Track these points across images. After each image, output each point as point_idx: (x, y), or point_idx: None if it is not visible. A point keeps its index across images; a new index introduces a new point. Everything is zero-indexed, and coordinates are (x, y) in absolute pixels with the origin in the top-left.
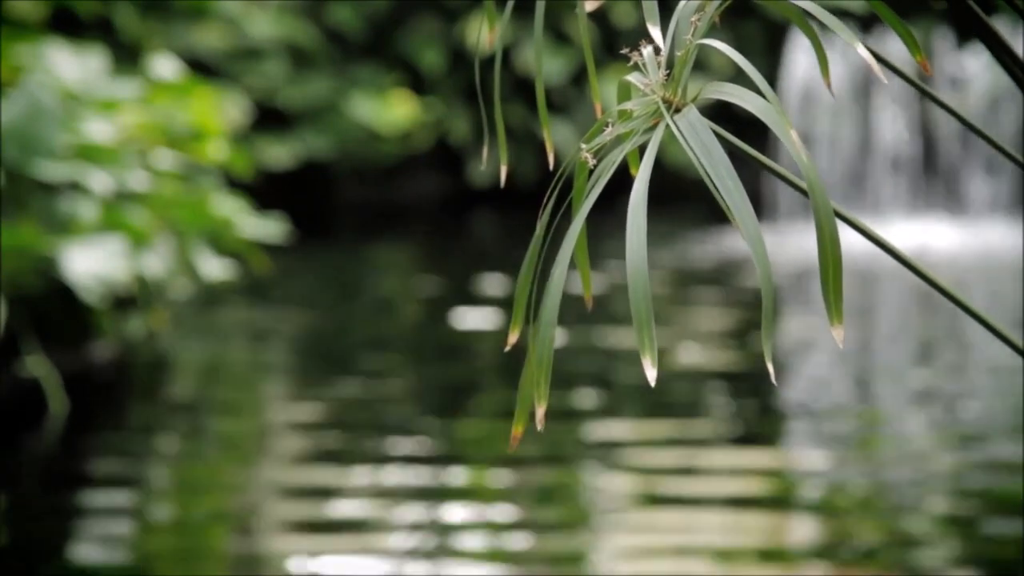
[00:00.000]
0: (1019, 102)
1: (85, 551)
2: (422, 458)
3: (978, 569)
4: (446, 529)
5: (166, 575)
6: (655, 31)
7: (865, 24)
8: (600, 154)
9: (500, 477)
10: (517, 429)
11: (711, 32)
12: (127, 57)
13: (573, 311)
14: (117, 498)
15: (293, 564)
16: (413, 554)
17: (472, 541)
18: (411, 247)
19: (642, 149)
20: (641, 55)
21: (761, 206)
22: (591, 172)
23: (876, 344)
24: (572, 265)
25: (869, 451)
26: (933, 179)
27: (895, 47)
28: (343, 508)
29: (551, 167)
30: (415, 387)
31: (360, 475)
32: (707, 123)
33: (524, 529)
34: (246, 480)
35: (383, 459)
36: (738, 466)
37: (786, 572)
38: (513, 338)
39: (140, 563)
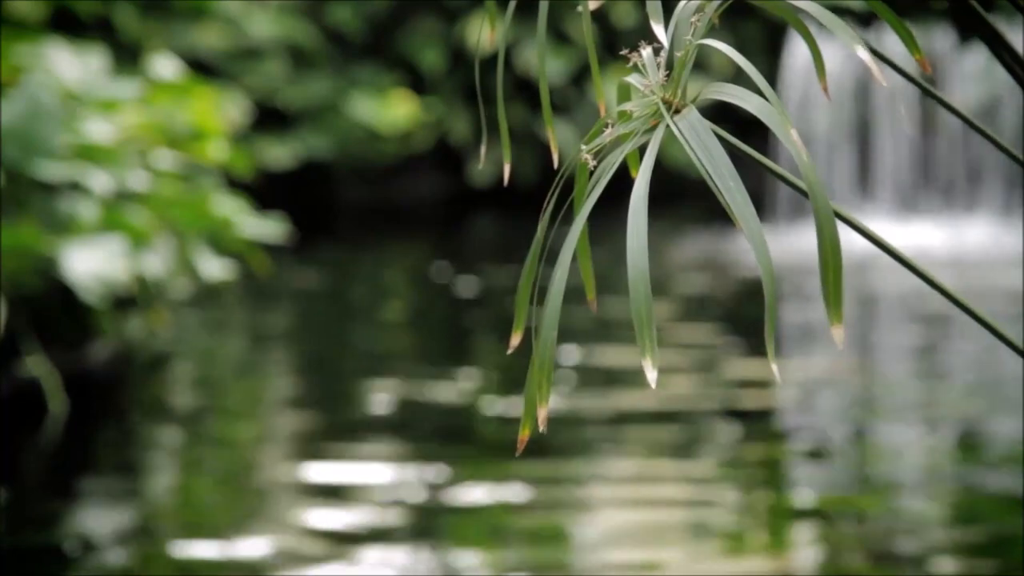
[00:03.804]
0: (1019, 101)
1: (85, 551)
2: (424, 460)
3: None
4: (450, 534)
5: (166, 575)
6: (659, 29)
7: (864, 21)
8: (600, 155)
9: (503, 486)
10: (523, 433)
11: (711, 33)
12: (127, 57)
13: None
14: (117, 498)
15: (295, 566)
16: (416, 560)
17: (474, 555)
18: (411, 247)
19: (642, 150)
20: (640, 56)
21: (760, 207)
22: (591, 174)
23: (875, 346)
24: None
25: (866, 464)
26: (932, 178)
27: (896, 45)
28: (344, 507)
29: (556, 165)
30: (416, 386)
31: (362, 477)
32: (707, 124)
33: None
34: (246, 480)
35: (384, 461)
36: (735, 464)
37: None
38: (516, 340)
39: (140, 564)
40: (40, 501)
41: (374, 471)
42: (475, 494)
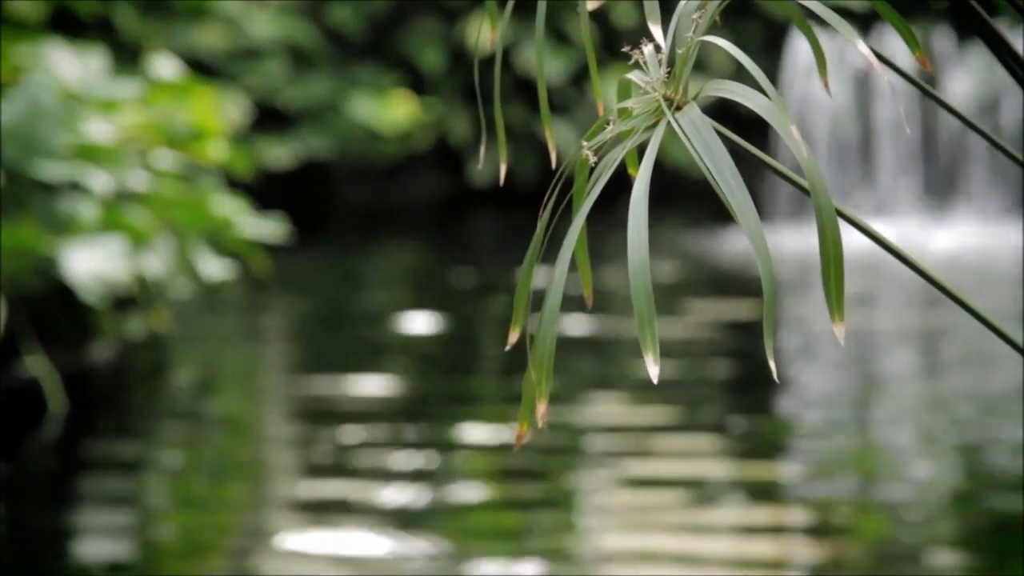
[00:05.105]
0: (1019, 101)
1: (84, 553)
2: (425, 468)
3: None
4: (454, 537)
5: (166, 574)
6: (656, 29)
7: (864, 23)
8: (601, 152)
9: (502, 484)
10: (521, 429)
11: (712, 31)
12: (127, 57)
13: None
14: (116, 499)
15: (296, 567)
16: (420, 559)
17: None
18: (411, 247)
19: (642, 148)
20: (642, 53)
21: (760, 205)
22: (591, 171)
23: (876, 345)
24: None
25: (867, 459)
26: (933, 178)
27: (896, 46)
28: (344, 506)
29: (553, 165)
30: (415, 386)
31: (361, 481)
32: (708, 121)
33: (521, 536)
34: (245, 480)
35: (383, 461)
36: (738, 477)
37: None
38: (514, 337)
39: (140, 563)
40: (40, 501)
41: (375, 472)
42: (473, 490)
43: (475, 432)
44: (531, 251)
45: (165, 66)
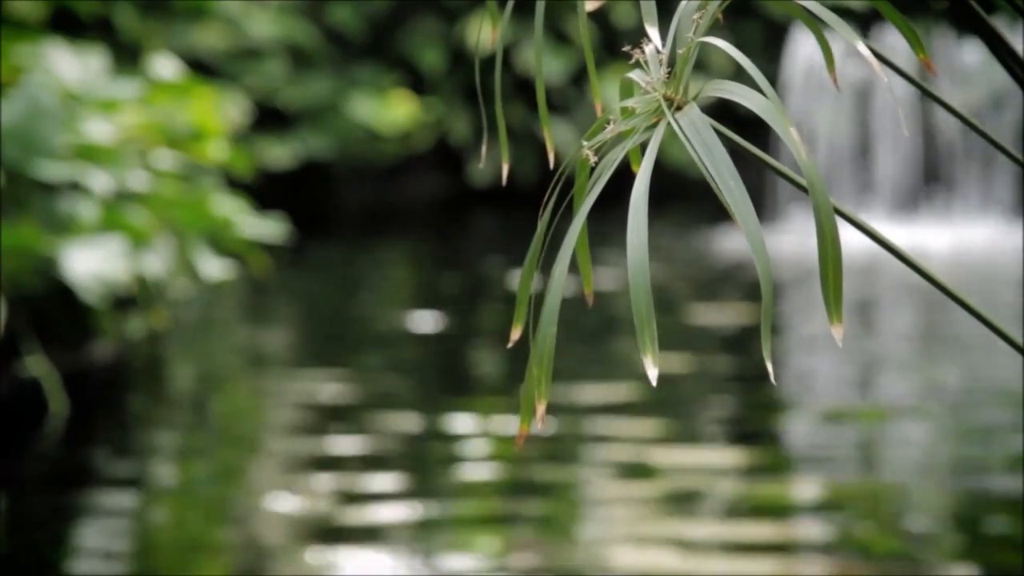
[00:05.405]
0: (1019, 101)
1: (85, 553)
2: (421, 461)
3: (979, 569)
4: (451, 526)
5: (166, 575)
6: (653, 31)
7: (865, 23)
8: (601, 152)
9: (502, 477)
10: (522, 428)
11: (713, 30)
12: (127, 57)
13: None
14: (117, 499)
15: (294, 566)
16: (413, 554)
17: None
18: (411, 247)
19: (643, 147)
20: (643, 53)
21: (761, 205)
22: (592, 170)
23: (876, 343)
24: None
25: (870, 452)
26: (933, 178)
27: (895, 47)
28: (341, 508)
29: (552, 166)
30: (414, 387)
31: (359, 477)
32: (708, 121)
33: (524, 547)
34: (246, 480)
35: (383, 461)
36: (738, 467)
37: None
38: (515, 335)
39: (141, 564)
40: (40, 501)
41: (375, 472)
42: (475, 478)
43: (476, 429)
44: (532, 251)
45: (165, 66)
